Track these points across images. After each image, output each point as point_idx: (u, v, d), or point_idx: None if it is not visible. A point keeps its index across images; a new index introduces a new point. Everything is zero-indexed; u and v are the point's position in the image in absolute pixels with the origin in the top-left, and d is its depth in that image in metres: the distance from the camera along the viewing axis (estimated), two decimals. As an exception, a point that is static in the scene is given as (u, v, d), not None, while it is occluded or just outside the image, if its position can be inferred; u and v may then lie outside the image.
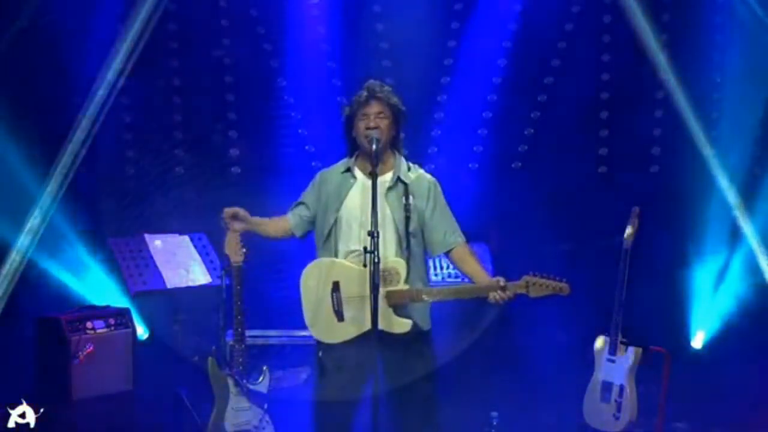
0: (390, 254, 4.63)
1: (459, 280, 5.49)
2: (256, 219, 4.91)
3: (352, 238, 4.68)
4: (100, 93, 6.84)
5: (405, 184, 4.75)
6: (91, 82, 6.82)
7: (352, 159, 4.81)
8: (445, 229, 4.77)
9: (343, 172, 4.81)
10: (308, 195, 4.88)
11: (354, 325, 4.61)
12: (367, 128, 4.66)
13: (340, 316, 4.63)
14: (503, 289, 4.56)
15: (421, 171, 4.86)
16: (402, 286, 4.60)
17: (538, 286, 4.55)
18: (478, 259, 4.85)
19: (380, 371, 4.54)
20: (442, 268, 6.19)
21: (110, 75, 6.89)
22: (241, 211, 4.87)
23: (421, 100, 7.11)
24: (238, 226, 4.89)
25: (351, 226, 4.69)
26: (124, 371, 5.97)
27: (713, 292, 6.74)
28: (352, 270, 4.62)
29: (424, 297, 4.65)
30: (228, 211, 4.87)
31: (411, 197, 4.71)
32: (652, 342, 5.79)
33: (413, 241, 4.70)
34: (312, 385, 5.12)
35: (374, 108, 4.69)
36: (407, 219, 4.68)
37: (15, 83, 6.43)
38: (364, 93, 4.72)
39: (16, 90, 6.43)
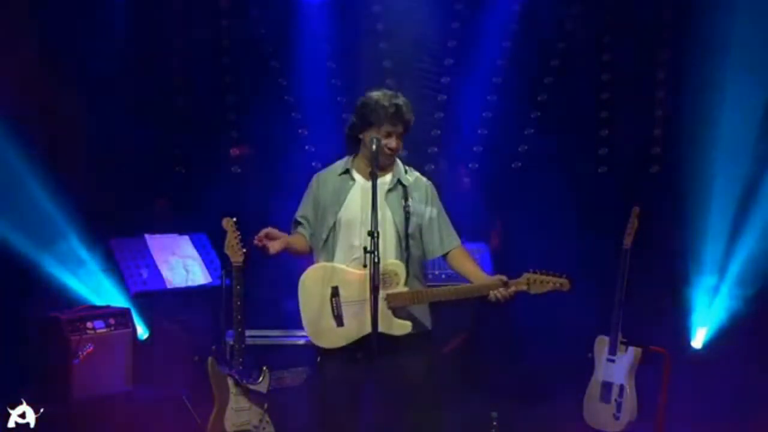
0: (390, 256, 4.63)
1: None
2: (287, 236, 4.79)
3: (353, 240, 4.67)
4: (101, 92, 6.85)
5: (404, 186, 4.75)
6: (91, 81, 6.82)
7: (351, 159, 4.81)
8: (442, 232, 4.78)
9: (341, 174, 4.81)
10: (305, 206, 4.87)
11: (354, 328, 4.61)
12: (390, 149, 4.64)
13: (339, 321, 4.63)
14: (505, 286, 4.56)
15: (417, 174, 4.87)
16: (401, 288, 4.60)
17: (539, 282, 4.56)
18: (475, 260, 4.86)
19: (381, 372, 4.55)
20: (440, 267, 6.19)
21: (111, 74, 6.90)
22: (273, 231, 4.73)
23: (421, 100, 7.11)
24: (277, 246, 4.70)
25: (352, 228, 4.69)
26: (124, 371, 5.97)
27: (714, 292, 6.73)
28: (351, 274, 4.62)
29: (424, 298, 4.65)
30: (260, 235, 4.70)
31: (410, 199, 4.72)
32: (652, 342, 5.79)
33: (412, 242, 4.71)
34: (312, 387, 5.13)
35: (399, 128, 4.67)
36: (407, 220, 4.69)
37: (15, 82, 6.42)
38: (392, 109, 4.64)
39: (17, 89, 6.43)
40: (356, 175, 4.78)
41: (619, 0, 7.16)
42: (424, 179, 4.86)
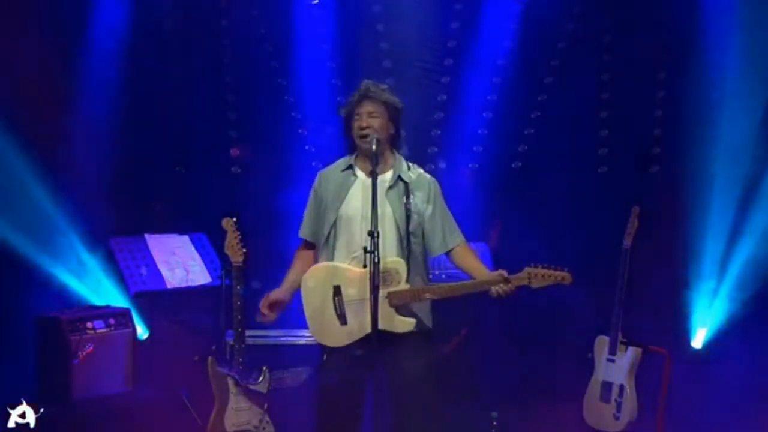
0: (390, 253, 4.63)
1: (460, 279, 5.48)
2: (286, 285, 4.86)
3: (354, 236, 4.68)
4: (101, 92, 6.85)
5: (405, 183, 4.76)
6: (92, 81, 6.82)
7: (353, 157, 4.83)
8: (444, 230, 4.78)
9: (343, 170, 4.83)
10: (309, 206, 4.90)
11: (357, 327, 4.62)
12: (360, 128, 4.68)
13: (343, 320, 4.63)
14: (506, 281, 4.56)
15: (421, 170, 4.87)
16: (403, 286, 4.60)
17: (540, 276, 4.55)
18: (478, 256, 4.86)
19: (383, 371, 4.55)
20: (441, 267, 6.18)
21: (111, 74, 6.90)
22: (272, 296, 4.81)
23: (421, 100, 7.11)
24: (278, 311, 4.83)
25: (352, 224, 4.71)
26: (124, 371, 5.97)
27: (714, 292, 6.73)
28: (353, 273, 4.63)
29: (426, 295, 4.65)
30: (264, 305, 4.79)
31: (411, 196, 4.72)
32: (652, 342, 5.79)
33: (413, 240, 4.71)
34: (313, 386, 5.13)
35: (366, 107, 4.71)
36: (408, 218, 4.69)
37: (14, 82, 6.43)
38: (357, 93, 4.74)
39: (16, 89, 6.43)
40: (358, 172, 4.80)
41: (619, 0, 7.16)
42: (428, 176, 4.86)
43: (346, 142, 4.84)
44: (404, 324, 4.60)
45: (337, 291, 4.64)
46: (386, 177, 4.74)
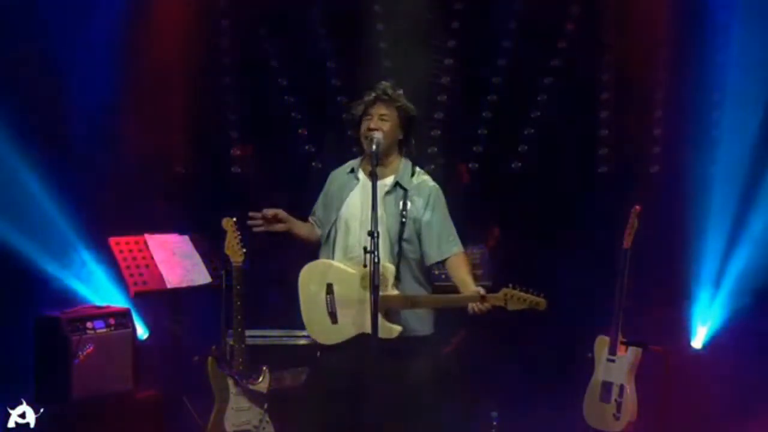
0: (381, 258, 4.59)
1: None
2: (297, 221, 4.88)
3: (351, 238, 4.69)
4: (101, 92, 6.85)
5: (404, 189, 4.74)
6: (90, 82, 6.82)
7: (360, 159, 4.84)
8: (440, 238, 4.72)
9: (348, 172, 4.85)
10: (318, 202, 4.94)
11: (347, 327, 4.62)
12: (369, 129, 4.68)
13: (334, 318, 4.63)
14: (482, 300, 4.52)
15: (426, 177, 4.83)
16: (390, 291, 4.56)
17: (516, 299, 4.48)
18: (470, 269, 4.81)
19: (377, 374, 4.53)
20: (440, 267, 6.17)
21: (111, 74, 6.90)
22: (281, 212, 4.81)
23: (421, 100, 7.09)
24: (279, 227, 4.81)
25: (350, 226, 4.71)
26: (124, 371, 5.96)
27: (715, 291, 6.73)
28: (346, 273, 4.63)
29: (410, 304, 4.61)
30: (268, 211, 4.78)
31: (409, 203, 4.70)
32: (652, 342, 5.79)
33: (408, 247, 4.68)
34: (310, 386, 5.13)
35: (379, 110, 4.70)
36: (402, 225, 4.67)
37: (14, 83, 6.43)
38: (372, 93, 4.72)
39: (16, 89, 6.43)
40: (360, 174, 4.81)
41: (619, 0, 7.16)
42: (431, 183, 4.82)
43: (355, 141, 4.84)
44: (388, 330, 4.54)
45: (329, 289, 4.65)
46: (386, 182, 4.74)
